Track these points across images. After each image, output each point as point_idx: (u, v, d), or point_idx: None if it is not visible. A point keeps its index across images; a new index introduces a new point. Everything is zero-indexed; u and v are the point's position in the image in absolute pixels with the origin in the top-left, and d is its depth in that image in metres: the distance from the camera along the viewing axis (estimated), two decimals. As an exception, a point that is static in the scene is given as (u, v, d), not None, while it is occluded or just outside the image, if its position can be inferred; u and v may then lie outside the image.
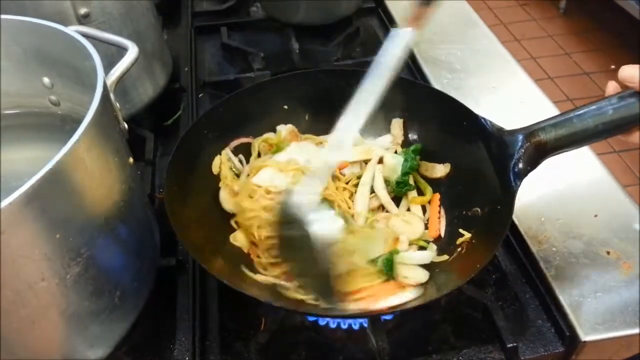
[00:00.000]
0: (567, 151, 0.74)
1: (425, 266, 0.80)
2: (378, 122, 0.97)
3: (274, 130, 0.97)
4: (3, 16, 0.73)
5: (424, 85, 1.10)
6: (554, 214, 0.88)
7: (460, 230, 0.83)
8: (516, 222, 0.86)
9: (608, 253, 0.83)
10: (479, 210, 0.81)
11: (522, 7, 3.73)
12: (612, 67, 3.19)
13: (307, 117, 0.99)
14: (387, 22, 1.38)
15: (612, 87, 0.71)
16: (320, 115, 0.99)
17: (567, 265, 0.81)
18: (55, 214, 0.56)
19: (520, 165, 0.74)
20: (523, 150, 0.74)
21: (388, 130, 0.98)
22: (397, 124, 0.96)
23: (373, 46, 1.32)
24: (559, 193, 0.92)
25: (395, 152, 0.95)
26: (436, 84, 1.14)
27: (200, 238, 0.78)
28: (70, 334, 0.65)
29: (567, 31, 3.50)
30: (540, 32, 3.50)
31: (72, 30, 0.71)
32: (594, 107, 0.71)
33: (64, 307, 0.61)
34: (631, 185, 2.49)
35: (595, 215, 0.88)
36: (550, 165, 0.79)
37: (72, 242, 0.59)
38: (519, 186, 0.74)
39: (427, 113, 0.93)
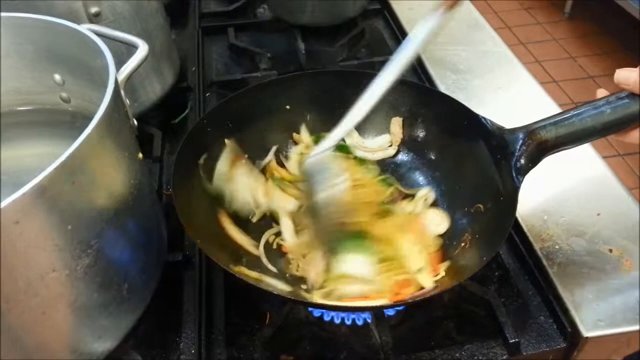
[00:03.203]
0: (567, 149, 0.76)
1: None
2: (377, 121, 0.98)
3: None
4: (15, 14, 0.75)
5: (424, 86, 1.11)
6: (557, 212, 0.89)
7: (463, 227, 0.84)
8: (519, 220, 0.87)
9: (610, 251, 0.83)
10: (482, 206, 0.82)
11: (527, 11, 3.74)
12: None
13: (308, 118, 1.00)
14: (393, 24, 1.39)
15: (600, 93, 0.73)
16: (322, 116, 1.00)
17: (570, 263, 0.82)
18: (67, 206, 0.57)
19: (522, 162, 0.75)
20: (524, 148, 0.75)
21: (387, 130, 0.99)
22: (396, 123, 0.97)
23: (378, 47, 1.34)
24: (562, 192, 0.93)
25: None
26: (441, 85, 1.15)
27: (207, 231, 0.79)
28: (78, 325, 0.65)
29: (572, 35, 3.50)
30: (545, 36, 3.51)
31: (84, 28, 0.72)
32: (592, 106, 0.72)
33: (73, 298, 0.62)
34: (635, 188, 2.49)
35: (598, 214, 0.89)
36: (553, 164, 0.80)
37: (83, 234, 0.60)
38: (521, 182, 0.75)
39: (427, 113, 0.94)
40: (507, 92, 1.15)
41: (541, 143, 0.75)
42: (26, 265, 0.55)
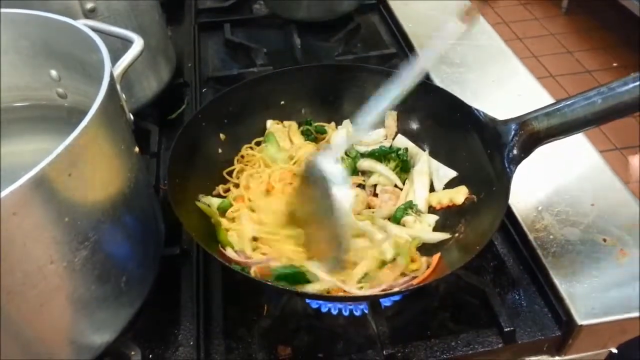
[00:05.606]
0: (559, 139, 0.76)
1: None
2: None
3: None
4: (12, 10, 0.75)
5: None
6: (551, 203, 0.90)
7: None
8: (514, 210, 0.88)
9: (604, 240, 0.84)
10: (475, 197, 0.83)
11: (524, 6, 3.74)
12: (614, 65, 3.20)
13: (303, 111, 1.01)
14: (389, 19, 1.40)
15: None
16: (316, 109, 1.01)
17: (564, 252, 0.83)
18: (64, 198, 0.57)
19: (514, 152, 0.76)
20: (517, 139, 0.76)
21: (382, 124, 0.99)
22: (391, 117, 0.98)
23: (374, 42, 1.34)
24: (556, 182, 0.93)
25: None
26: (436, 78, 1.16)
27: (203, 224, 0.80)
28: (77, 317, 0.66)
29: (569, 30, 3.51)
30: (543, 31, 3.51)
31: (80, 23, 0.73)
32: (583, 97, 0.73)
33: (71, 290, 0.63)
34: (633, 182, 2.49)
35: (592, 204, 0.89)
36: (547, 155, 0.81)
37: (80, 227, 0.60)
38: (513, 172, 0.76)
39: (421, 106, 0.95)
40: (502, 86, 1.16)
41: (533, 134, 0.76)
42: (24, 256, 0.56)
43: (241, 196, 0.88)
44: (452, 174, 0.89)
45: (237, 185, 0.91)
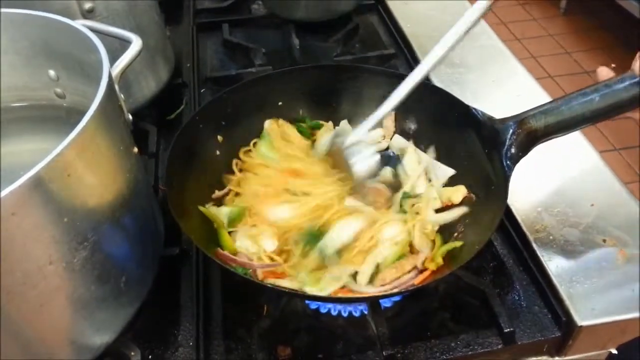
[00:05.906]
0: (558, 137, 0.77)
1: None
2: (369, 115, 0.98)
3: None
4: (11, 10, 0.75)
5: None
6: (551, 204, 0.90)
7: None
8: (513, 211, 0.88)
9: (604, 241, 0.84)
10: (474, 196, 0.83)
11: (523, 7, 3.75)
12: (613, 65, 3.20)
13: (300, 112, 1.01)
14: (387, 19, 1.40)
15: (604, 72, 0.74)
16: (314, 110, 1.01)
17: (564, 253, 0.83)
18: (63, 199, 0.57)
19: (513, 151, 0.76)
20: (515, 137, 0.76)
21: (380, 124, 0.99)
22: (388, 117, 0.98)
23: (372, 42, 1.34)
24: (555, 183, 0.93)
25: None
26: (435, 78, 1.15)
27: (202, 225, 0.81)
28: (77, 318, 0.66)
29: (567, 30, 3.51)
30: (541, 32, 3.52)
31: (78, 23, 0.72)
32: (581, 94, 0.74)
33: (71, 291, 0.62)
34: (632, 183, 2.50)
35: (592, 205, 0.89)
36: (547, 155, 0.81)
37: (80, 227, 0.60)
38: (512, 171, 0.76)
39: (418, 106, 0.94)
40: (501, 86, 1.16)
41: (531, 132, 0.76)
42: (24, 257, 0.55)
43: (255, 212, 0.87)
44: (450, 172, 0.89)
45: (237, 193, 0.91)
